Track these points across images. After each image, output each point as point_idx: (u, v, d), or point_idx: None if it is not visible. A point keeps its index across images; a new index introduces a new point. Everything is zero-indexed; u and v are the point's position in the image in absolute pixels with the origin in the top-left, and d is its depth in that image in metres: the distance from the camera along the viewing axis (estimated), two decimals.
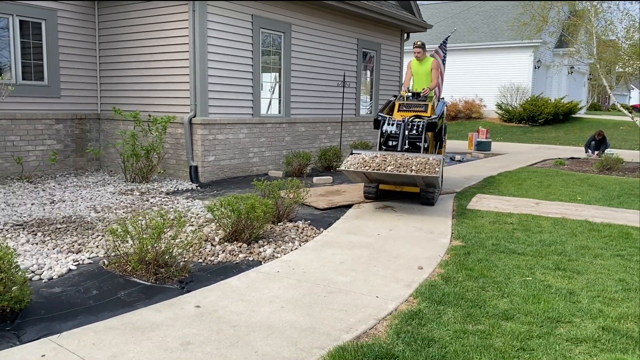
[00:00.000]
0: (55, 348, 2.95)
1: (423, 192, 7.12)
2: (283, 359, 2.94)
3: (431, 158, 6.46)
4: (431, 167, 6.22)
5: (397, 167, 6.28)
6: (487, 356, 3.05)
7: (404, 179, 6.49)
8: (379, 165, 6.38)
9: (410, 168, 6.24)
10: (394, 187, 7.53)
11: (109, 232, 4.15)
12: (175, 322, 3.35)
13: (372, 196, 7.39)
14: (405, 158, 6.45)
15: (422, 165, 6.28)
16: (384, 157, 6.54)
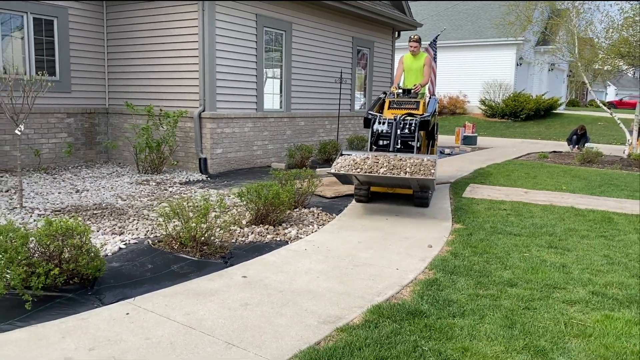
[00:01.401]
0: (135, 308, 3.44)
1: (417, 194, 6.82)
2: (330, 316, 3.47)
3: (425, 159, 6.10)
4: (426, 169, 5.87)
5: (390, 169, 5.88)
6: (499, 313, 3.62)
7: (398, 182, 6.10)
8: (371, 168, 5.97)
9: (404, 170, 5.86)
10: (386, 189, 7.19)
11: (158, 214, 4.62)
12: (229, 289, 3.86)
13: (363, 199, 7.03)
14: (399, 159, 6.07)
15: (416, 167, 5.93)
16: (375, 159, 6.13)
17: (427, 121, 6.80)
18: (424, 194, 6.77)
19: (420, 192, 6.74)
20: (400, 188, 6.95)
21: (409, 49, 8.01)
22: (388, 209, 6.79)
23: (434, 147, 7.99)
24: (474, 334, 3.29)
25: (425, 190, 6.62)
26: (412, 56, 7.98)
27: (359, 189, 6.91)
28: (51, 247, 3.43)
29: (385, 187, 6.94)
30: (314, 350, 2.96)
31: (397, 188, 7.02)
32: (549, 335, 3.32)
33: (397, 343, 3.10)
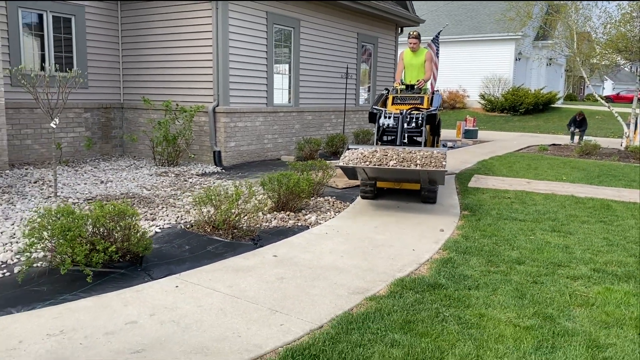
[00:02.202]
0: (182, 282, 3.81)
1: (425, 189, 6.66)
2: (358, 287, 3.85)
3: (435, 151, 6.00)
4: (437, 161, 5.75)
5: (400, 162, 5.76)
6: (509, 286, 4.00)
7: (408, 175, 5.94)
8: (380, 160, 5.83)
9: (414, 162, 5.74)
10: (392, 185, 7.02)
11: (193, 200, 4.98)
12: (263, 266, 4.23)
13: (369, 195, 6.86)
14: (408, 152, 5.97)
15: (427, 159, 5.81)
16: (384, 152, 6.01)
17: (434, 115, 6.77)
18: (432, 189, 6.63)
19: (429, 187, 6.59)
20: (408, 183, 6.76)
21: (408, 45, 7.94)
22: (398, 199, 7.16)
23: (438, 142, 7.90)
24: (488, 303, 3.67)
25: (433, 184, 6.42)
26: (412, 52, 7.92)
27: (365, 184, 6.74)
28: (108, 226, 3.79)
29: (392, 181, 6.77)
30: (348, 315, 3.34)
31: (405, 183, 6.84)
32: (556, 305, 3.69)
33: (421, 310, 3.48)
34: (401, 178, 6.27)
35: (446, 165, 5.74)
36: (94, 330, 3.02)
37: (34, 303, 3.37)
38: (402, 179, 6.38)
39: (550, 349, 3.04)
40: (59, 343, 2.86)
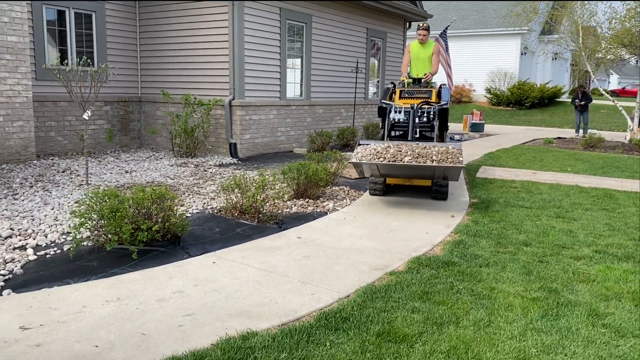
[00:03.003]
0: (218, 258, 4.17)
1: (436, 186, 6.53)
2: (378, 265, 4.20)
3: (451, 147, 5.87)
4: (454, 157, 5.57)
5: (415, 158, 5.58)
6: (517, 265, 4.34)
7: (423, 171, 5.77)
8: (394, 157, 5.65)
9: (429, 158, 5.58)
10: (403, 181, 6.87)
11: (221, 187, 5.34)
12: (289, 246, 4.59)
13: (378, 192, 6.73)
14: (423, 147, 5.82)
15: (443, 154, 5.63)
16: (398, 147, 5.83)
17: (447, 109, 6.70)
18: (443, 186, 6.51)
19: (441, 183, 6.48)
20: (420, 179, 6.60)
21: (417, 37, 7.71)
22: (409, 189, 7.50)
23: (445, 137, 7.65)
24: (498, 278, 4.01)
25: (445, 181, 6.32)
26: (420, 44, 7.70)
27: (374, 181, 6.60)
28: (151, 208, 4.15)
29: (404, 178, 6.57)
30: (371, 286, 3.69)
31: (416, 179, 6.67)
32: (560, 280, 4.03)
33: (437, 283, 3.82)
34: (415, 174, 6.04)
35: (463, 161, 5.56)
36: (146, 298, 3.39)
37: (87, 275, 3.73)
38: (415, 176, 6.16)
39: (554, 317, 3.38)
40: (117, 308, 3.22)
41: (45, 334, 2.88)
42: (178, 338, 2.86)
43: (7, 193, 6.15)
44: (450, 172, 5.69)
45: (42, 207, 5.54)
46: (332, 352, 2.78)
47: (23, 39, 8.19)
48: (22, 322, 2.99)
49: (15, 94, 8.16)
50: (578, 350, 2.97)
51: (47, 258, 4.08)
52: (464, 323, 3.21)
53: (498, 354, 2.87)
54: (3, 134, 8.07)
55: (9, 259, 3.96)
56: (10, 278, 3.66)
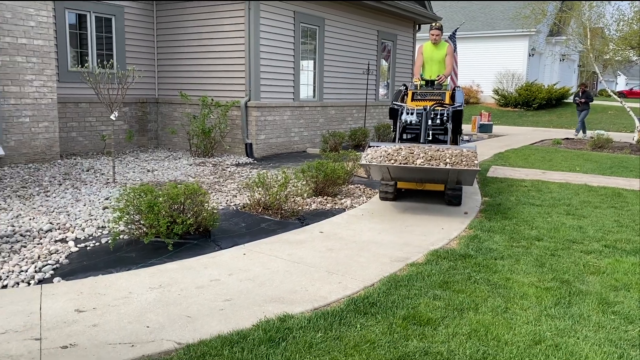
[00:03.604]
0: (248, 250, 4.43)
1: (450, 190, 6.31)
2: (398, 257, 4.44)
3: (465, 150, 5.65)
4: (469, 160, 5.38)
5: (427, 161, 5.41)
6: (530, 257, 4.57)
7: (436, 175, 5.57)
8: (406, 159, 5.47)
9: (443, 161, 5.40)
10: (415, 186, 6.62)
11: (245, 184, 5.59)
12: (313, 240, 4.84)
13: (389, 197, 6.50)
14: (436, 150, 5.62)
15: (457, 157, 5.44)
16: (410, 149, 5.65)
17: (460, 111, 6.52)
18: (457, 190, 6.32)
19: (454, 187, 6.28)
20: (433, 183, 6.35)
21: (430, 38, 7.55)
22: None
23: (458, 140, 7.45)
24: (512, 270, 4.24)
25: (459, 185, 6.11)
26: (433, 45, 7.52)
27: (385, 185, 6.41)
28: (185, 203, 4.41)
29: (416, 182, 6.34)
30: (394, 276, 3.94)
31: (429, 183, 6.43)
32: (571, 272, 4.26)
33: (455, 274, 4.06)
34: (427, 178, 5.83)
35: (478, 164, 5.38)
36: (186, 285, 3.64)
37: (128, 265, 4.00)
38: (428, 179, 5.93)
39: (567, 305, 3.61)
40: (161, 294, 3.48)
41: (99, 316, 3.14)
42: (221, 320, 3.12)
43: (39, 190, 6.43)
44: (464, 176, 5.50)
45: (74, 203, 5.82)
46: (363, 333, 3.02)
47: (48, 42, 8.49)
48: (76, 306, 3.26)
49: (40, 95, 8.46)
50: (589, 334, 3.20)
51: (88, 250, 4.35)
52: (483, 309, 3.45)
53: (515, 336, 3.10)
54: (29, 134, 8.37)
55: (53, 250, 4.23)
56: (58, 267, 3.94)
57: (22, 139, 8.28)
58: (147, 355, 2.71)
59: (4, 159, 8.02)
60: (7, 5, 7.88)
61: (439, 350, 2.88)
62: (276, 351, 2.76)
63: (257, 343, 2.83)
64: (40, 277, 3.71)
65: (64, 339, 2.84)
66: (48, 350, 2.72)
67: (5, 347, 2.74)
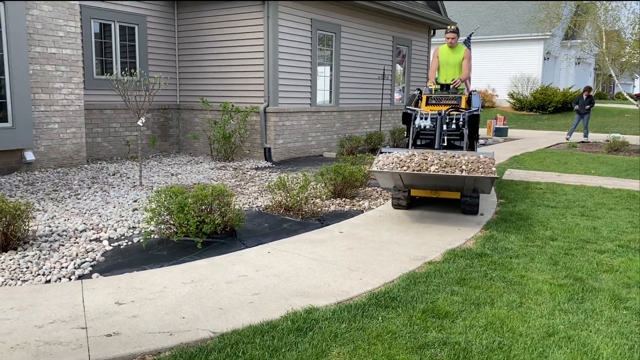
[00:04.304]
0: (272, 249, 4.64)
1: (466, 198, 6.05)
2: (416, 256, 4.62)
3: (482, 156, 5.42)
4: (486, 167, 5.15)
5: (442, 167, 5.19)
6: (545, 256, 4.72)
7: (451, 182, 5.35)
8: (420, 165, 5.25)
9: (459, 168, 5.17)
10: (429, 193, 6.36)
11: (267, 186, 5.81)
12: (333, 239, 5.04)
13: (402, 205, 6.29)
14: (451, 156, 5.40)
15: (473, 164, 5.20)
16: (424, 156, 5.44)
17: (477, 116, 6.21)
18: (474, 198, 6.07)
19: (470, 195, 6.05)
20: (448, 191, 6.10)
21: (446, 41, 7.32)
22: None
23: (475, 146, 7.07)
24: (527, 268, 4.40)
25: (478, 193, 5.86)
26: (450, 48, 7.31)
27: (397, 192, 6.20)
28: (213, 204, 4.64)
29: (430, 189, 6.09)
30: (413, 273, 4.12)
31: (443, 191, 6.20)
32: (585, 270, 4.40)
33: (472, 271, 4.23)
34: (442, 186, 5.60)
35: (495, 171, 5.15)
36: (216, 280, 3.87)
37: (160, 262, 4.23)
38: (443, 187, 5.71)
39: (580, 300, 3.76)
40: (193, 288, 3.71)
41: (137, 307, 3.37)
42: (251, 311, 3.33)
43: (70, 193, 6.73)
44: (481, 184, 5.29)
45: (104, 205, 6.09)
46: (384, 325, 3.21)
47: (76, 51, 8.82)
48: (116, 299, 3.49)
49: (69, 102, 8.79)
50: (602, 327, 3.35)
51: (121, 248, 4.60)
52: (498, 304, 3.62)
53: (529, 328, 3.27)
54: (58, 139, 8.70)
55: (89, 249, 4.48)
56: (95, 264, 4.18)
57: (51, 144, 8.61)
58: (185, 343, 2.92)
59: (34, 163, 8.35)
60: (38, 17, 8.22)
61: (457, 340, 3.05)
62: (304, 339, 2.97)
63: (285, 332, 3.03)
64: (80, 273, 3.96)
65: (107, 328, 3.07)
66: (94, 337, 2.95)
67: (55, 334, 2.98)
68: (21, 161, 8.18)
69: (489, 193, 5.80)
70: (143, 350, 2.82)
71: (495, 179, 5.08)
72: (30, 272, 3.92)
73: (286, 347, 2.88)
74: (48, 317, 3.19)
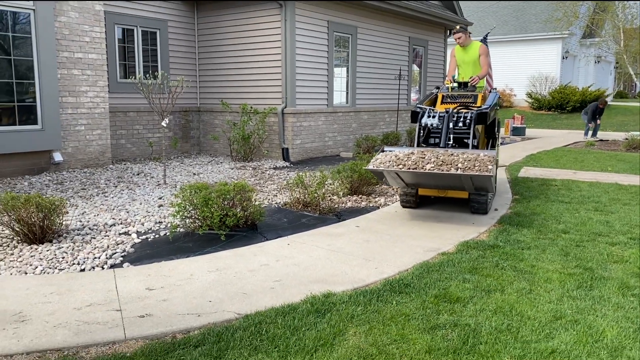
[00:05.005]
0: (291, 241, 4.86)
1: (473, 197, 5.98)
2: (430, 247, 4.79)
3: (482, 154, 5.33)
4: (482, 165, 5.04)
5: (438, 166, 5.12)
6: (556, 248, 4.85)
7: (448, 181, 5.26)
8: (416, 164, 5.21)
9: (455, 166, 5.09)
10: (437, 193, 6.27)
11: (285, 184, 6.03)
12: (350, 233, 5.23)
13: (410, 204, 6.28)
14: (449, 154, 5.33)
15: (470, 162, 5.12)
16: (422, 154, 5.39)
17: (485, 114, 5.96)
18: (482, 197, 5.97)
19: (477, 194, 5.95)
20: (452, 190, 5.97)
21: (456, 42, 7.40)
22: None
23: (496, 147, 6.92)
24: (538, 258, 4.54)
25: (482, 191, 5.62)
26: (462, 47, 7.34)
27: (404, 192, 6.23)
28: (235, 199, 4.87)
29: (434, 188, 5.95)
30: (427, 263, 4.29)
31: (450, 190, 6.09)
32: (595, 261, 4.53)
33: (484, 261, 4.39)
34: (442, 184, 5.51)
35: (493, 169, 5.02)
36: (240, 269, 4.09)
37: (187, 253, 4.47)
38: (443, 186, 5.61)
39: (589, 288, 3.90)
40: (219, 276, 3.94)
41: (167, 292, 3.61)
42: (273, 296, 3.55)
43: (97, 192, 7.03)
44: (480, 182, 5.16)
45: (131, 202, 6.38)
46: (398, 308, 3.40)
47: (101, 56, 9.16)
48: (146, 285, 3.74)
49: (94, 105, 9.13)
50: (608, 312, 3.49)
51: (149, 241, 4.86)
52: (508, 291, 3.78)
53: (538, 312, 3.43)
54: (84, 141, 9.04)
55: (119, 241, 4.75)
56: (125, 255, 4.44)
57: (78, 145, 8.95)
58: (212, 323, 3.15)
59: (62, 164, 8.70)
60: (65, 23, 8.57)
61: (467, 322, 3.23)
62: (322, 320, 3.17)
63: (305, 314, 3.24)
64: (112, 262, 4.22)
65: (140, 310, 3.31)
66: (128, 318, 3.19)
67: (93, 315, 3.23)
68: (50, 162, 8.53)
69: (491, 192, 5.69)
70: (174, 330, 3.05)
71: (490, 177, 4.90)
72: (66, 262, 4.19)
73: (306, 326, 3.09)
74: (85, 300, 3.44)
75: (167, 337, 3.00)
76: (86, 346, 2.87)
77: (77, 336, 2.94)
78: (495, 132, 6.83)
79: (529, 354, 2.88)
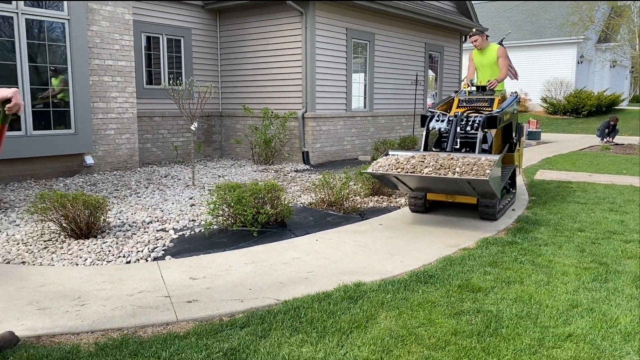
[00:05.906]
0: (319, 238, 5.14)
1: (481, 203, 5.89)
2: (451, 243, 5.04)
3: (483, 158, 5.21)
4: (480, 169, 4.94)
5: (435, 170, 5.07)
6: (572, 245, 5.07)
7: (447, 185, 5.21)
8: (414, 167, 5.18)
9: (452, 170, 5.02)
10: (445, 197, 6.24)
11: (310, 184, 6.32)
12: (373, 230, 5.50)
13: (419, 209, 6.27)
14: (450, 158, 5.25)
15: (468, 166, 5.03)
16: (422, 158, 5.37)
17: (495, 117, 5.77)
18: (489, 202, 5.84)
19: (486, 200, 5.82)
20: (457, 194, 5.86)
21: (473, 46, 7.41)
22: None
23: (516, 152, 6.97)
24: (555, 254, 4.77)
25: (488, 197, 5.45)
26: (479, 51, 7.34)
27: (413, 197, 6.21)
28: (266, 197, 5.17)
29: (436, 192, 5.86)
30: (449, 257, 4.55)
31: (457, 195, 6.00)
32: (610, 257, 4.74)
33: (503, 256, 4.64)
34: (442, 189, 5.47)
35: (491, 173, 4.88)
36: (273, 262, 4.38)
37: (222, 247, 4.78)
38: (444, 190, 5.55)
39: (603, 281, 4.13)
40: (255, 267, 4.23)
41: (209, 281, 3.91)
42: (307, 285, 3.83)
43: (130, 192, 7.38)
44: (479, 187, 5.06)
45: (164, 202, 6.71)
46: (425, 296, 3.66)
47: (130, 63, 9.55)
48: (189, 275, 4.04)
49: (123, 110, 9.52)
50: (622, 302, 3.71)
51: (186, 236, 5.17)
52: (527, 282, 4.02)
53: (555, 301, 3.67)
54: (114, 145, 9.42)
55: (159, 237, 5.07)
56: (166, 249, 4.76)
57: (108, 149, 9.34)
58: (254, 307, 3.44)
59: (93, 167, 9.08)
60: (97, 32, 8.97)
61: (490, 309, 3.48)
62: (355, 305, 3.44)
63: (339, 300, 3.52)
64: (155, 255, 4.54)
65: (187, 297, 3.61)
66: (177, 303, 3.50)
67: (145, 301, 3.54)
68: (82, 165, 8.92)
69: (494, 198, 5.52)
70: (220, 313, 3.34)
71: (486, 181, 4.80)
72: (112, 255, 4.51)
73: (340, 311, 3.36)
74: (135, 288, 3.75)
75: (214, 319, 3.29)
76: (143, 326, 3.17)
77: (133, 318, 3.25)
78: (512, 137, 6.80)
79: (547, 337, 3.12)
